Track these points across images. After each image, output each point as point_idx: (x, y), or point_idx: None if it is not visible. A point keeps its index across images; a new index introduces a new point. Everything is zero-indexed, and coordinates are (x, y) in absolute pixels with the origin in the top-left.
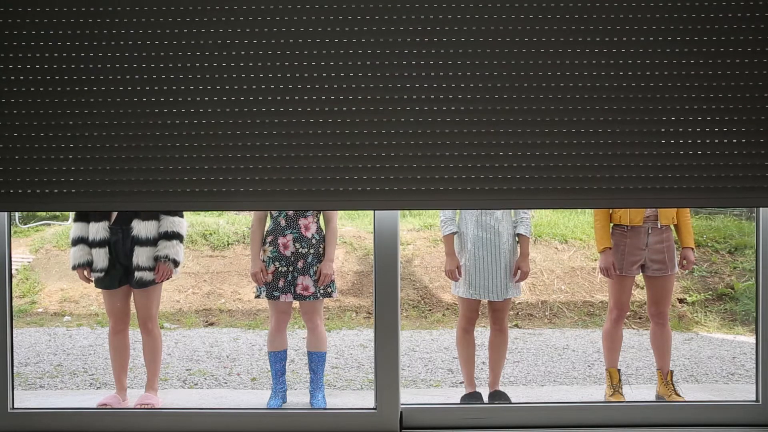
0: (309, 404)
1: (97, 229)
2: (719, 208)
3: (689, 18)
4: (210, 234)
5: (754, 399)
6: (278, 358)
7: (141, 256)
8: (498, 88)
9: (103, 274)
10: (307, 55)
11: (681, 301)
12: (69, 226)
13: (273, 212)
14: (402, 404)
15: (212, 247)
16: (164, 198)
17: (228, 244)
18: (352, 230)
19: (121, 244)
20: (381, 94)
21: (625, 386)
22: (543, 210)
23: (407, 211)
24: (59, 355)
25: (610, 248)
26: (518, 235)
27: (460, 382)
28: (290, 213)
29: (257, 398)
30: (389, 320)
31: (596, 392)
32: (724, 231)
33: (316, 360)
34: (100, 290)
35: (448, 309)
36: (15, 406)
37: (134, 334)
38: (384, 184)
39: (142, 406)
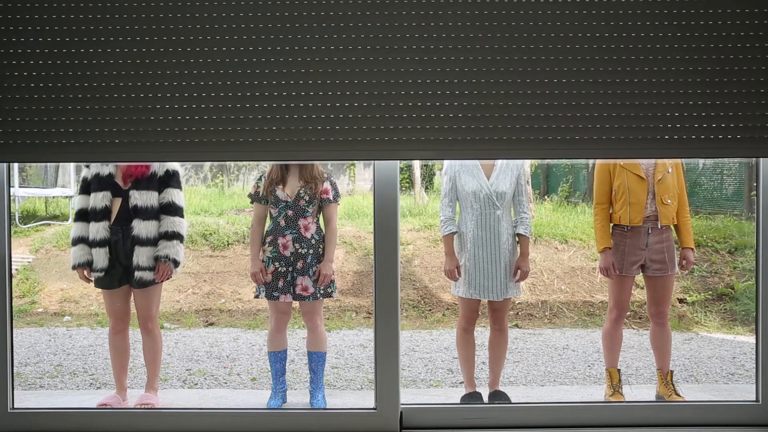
0: (309, 404)
1: (98, 229)
2: (719, 208)
3: None
4: (210, 234)
5: (754, 399)
6: (278, 358)
7: (141, 255)
8: (498, 37)
9: (103, 273)
10: (303, 3)
11: (681, 301)
12: (69, 226)
13: (272, 212)
14: (402, 404)
15: (212, 247)
16: (162, 149)
17: (228, 244)
18: (352, 230)
19: (121, 244)
20: (380, 44)
21: (625, 386)
22: (543, 209)
23: (407, 211)
24: (59, 355)
25: (610, 248)
26: (518, 234)
27: (460, 382)
28: (290, 213)
29: (257, 398)
30: (389, 320)
31: (596, 392)
32: (724, 231)
33: (316, 360)
34: (100, 290)
35: (448, 309)
36: (15, 406)
37: (134, 334)
38: (384, 134)
39: (142, 406)
